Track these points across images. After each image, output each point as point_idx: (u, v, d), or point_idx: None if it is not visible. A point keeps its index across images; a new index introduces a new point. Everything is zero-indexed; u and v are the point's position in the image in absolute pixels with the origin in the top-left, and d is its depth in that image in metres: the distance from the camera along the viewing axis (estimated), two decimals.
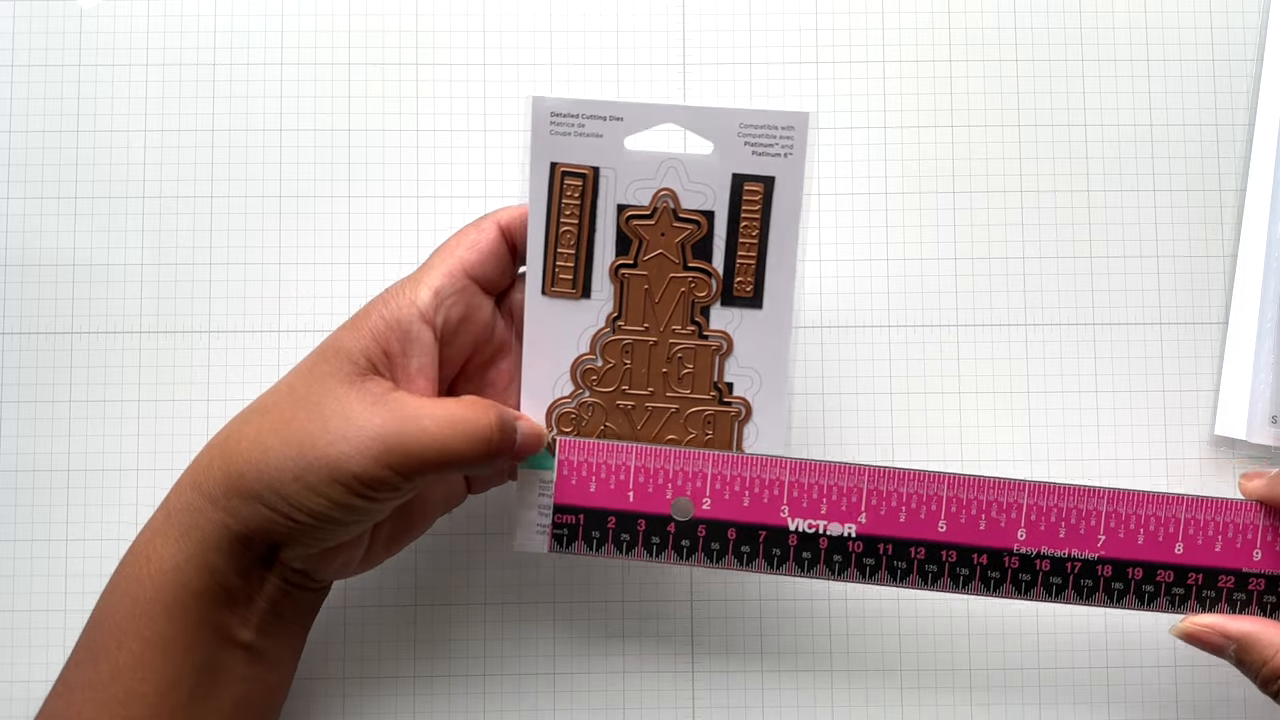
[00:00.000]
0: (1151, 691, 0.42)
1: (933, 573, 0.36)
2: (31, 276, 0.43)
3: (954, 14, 0.44)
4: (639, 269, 0.36)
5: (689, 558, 0.36)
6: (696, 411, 0.37)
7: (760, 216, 0.36)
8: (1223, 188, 0.44)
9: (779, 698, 0.42)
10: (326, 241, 0.43)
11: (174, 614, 0.33)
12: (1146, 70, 0.44)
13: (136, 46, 0.43)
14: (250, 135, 0.43)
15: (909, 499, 0.36)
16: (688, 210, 0.36)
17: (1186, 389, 0.43)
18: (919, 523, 0.36)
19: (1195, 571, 0.36)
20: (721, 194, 0.36)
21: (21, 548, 0.42)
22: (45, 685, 0.39)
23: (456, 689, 0.41)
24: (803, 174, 0.35)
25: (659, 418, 0.37)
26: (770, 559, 0.36)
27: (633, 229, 0.36)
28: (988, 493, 0.36)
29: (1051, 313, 0.43)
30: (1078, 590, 0.36)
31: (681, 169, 0.36)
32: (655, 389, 0.37)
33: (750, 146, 0.35)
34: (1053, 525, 0.36)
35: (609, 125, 0.35)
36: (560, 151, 0.35)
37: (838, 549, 0.36)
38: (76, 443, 0.42)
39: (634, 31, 0.44)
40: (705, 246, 0.36)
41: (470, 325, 0.36)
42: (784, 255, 0.36)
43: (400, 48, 0.44)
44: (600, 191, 0.36)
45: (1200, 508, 0.36)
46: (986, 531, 0.36)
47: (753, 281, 0.36)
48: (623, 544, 0.36)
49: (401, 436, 0.32)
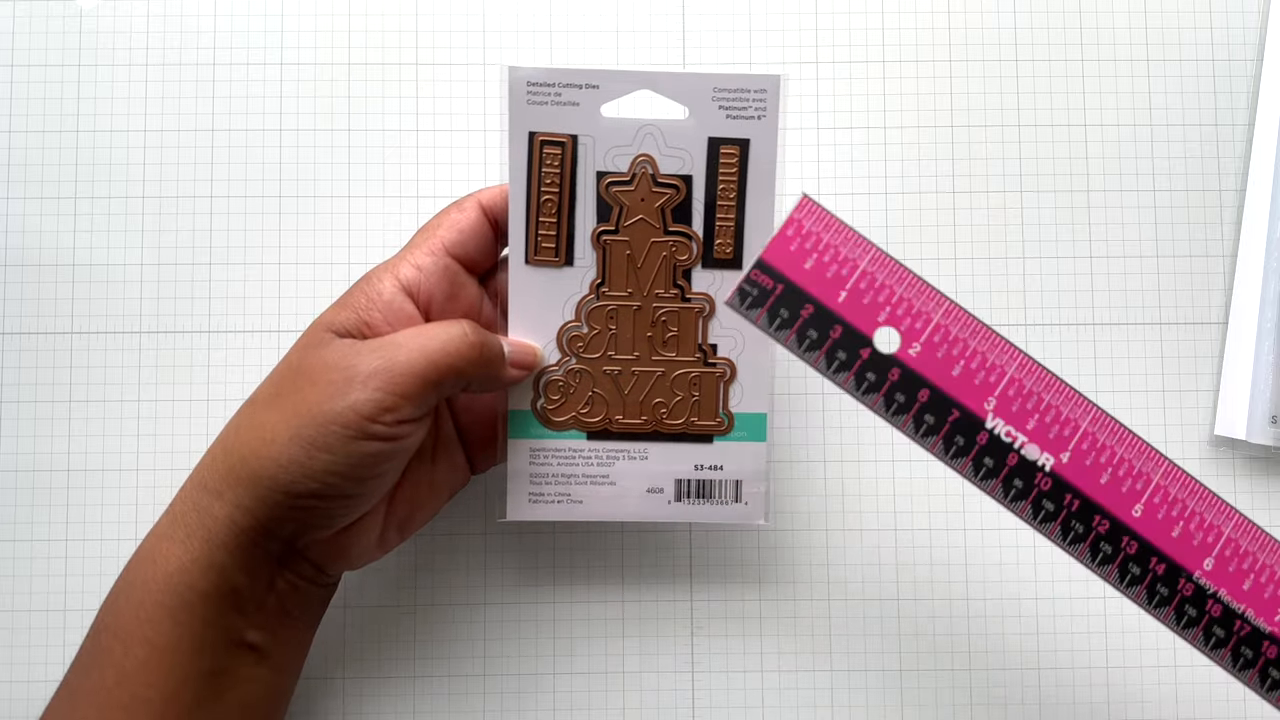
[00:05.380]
0: (1151, 691, 0.42)
1: (1105, 554, 0.32)
2: (31, 276, 0.43)
3: (954, 14, 0.44)
4: (620, 235, 0.37)
5: (866, 394, 0.32)
6: (682, 374, 0.37)
7: (737, 179, 0.36)
8: (1223, 188, 0.44)
9: (779, 698, 0.42)
10: (326, 241, 0.43)
11: (179, 617, 0.32)
12: (1146, 70, 0.44)
13: (136, 46, 0.43)
14: (250, 135, 0.43)
15: (1120, 463, 0.32)
16: (666, 175, 0.36)
17: (1186, 389, 0.43)
18: (1119, 495, 0.32)
19: None
20: (699, 158, 0.36)
21: (21, 548, 0.42)
22: (45, 685, 0.39)
23: (456, 689, 0.41)
24: (776, 136, 0.36)
25: (645, 381, 0.37)
26: (950, 446, 0.32)
27: (613, 195, 0.36)
28: (1198, 501, 0.32)
29: (1051, 313, 0.43)
30: (1234, 656, 0.32)
31: (659, 134, 0.36)
32: (641, 353, 0.37)
33: (725, 110, 0.36)
34: (1242, 572, 0.32)
35: (585, 93, 0.36)
36: (538, 121, 0.36)
37: (1023, 473, 0.32)
38: (76, 443, 0.42)
39: (634, 31, 0.44)
40: (685, 210, 0.37)
41: (455, 304, 0.36)
42: (761, 216, 0.37)
43: (400, 48, 0.44)
44: (579, 159, 0.36)
45: None
46: (1179, 540, 0.32)
47: (732, 243, 0.37)
48: (806, 340, 0.32)
49: (388, 360, 0.32)
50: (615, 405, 0.37)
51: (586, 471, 0.38)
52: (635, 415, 0.38)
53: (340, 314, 0.34)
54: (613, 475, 0.38)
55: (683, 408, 0.37)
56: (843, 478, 0.42)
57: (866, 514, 0.42)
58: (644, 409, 0.38)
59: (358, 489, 0.33)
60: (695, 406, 0.37)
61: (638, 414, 0.38)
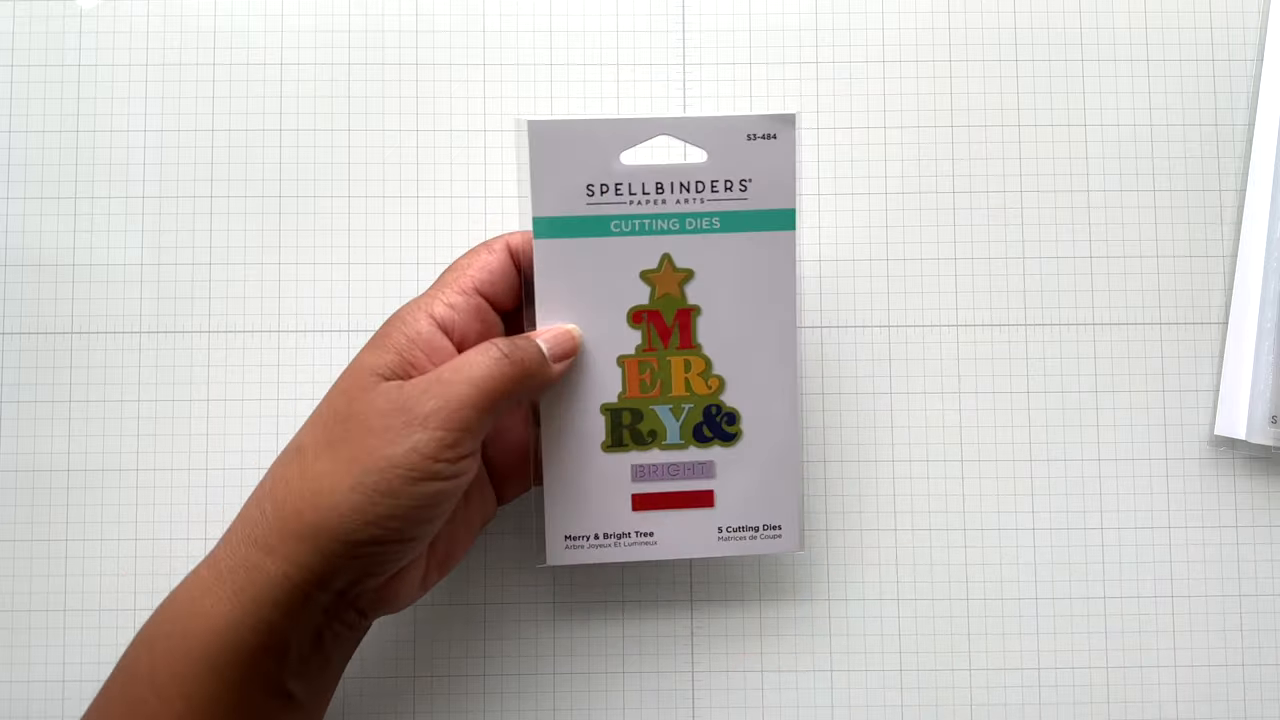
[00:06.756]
0: (1151, 691, 0.42)
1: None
2: (31, 276, 0.43)
3: (954, 14, 0.44)
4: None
5: None
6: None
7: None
8: (1222, 188, 0.44)
9: (779, 698, 0.42)
10: (326, 241, 0.43)
11: (224, 674, 0.32)
12: (1146, 70, 0.44)
13: (136, 46, 0.43)
14: (250, 135, 0.43)
15: None
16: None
17: (1186, 389, 0.43)
18: None
19: None
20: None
21: (21, 548, 0.42)
22: (45, 685, 0.39)
23: (456, 689, 0.41)
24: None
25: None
26: None
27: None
28: None
29: (1051, 313, 0.43)
30: None
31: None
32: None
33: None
34: None
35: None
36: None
37: None
38: (76, 443, 0.42)
39: (634, 31, 0.44)
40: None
41: (485, 340, 0.36)
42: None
43: (400, 48, 0.44)
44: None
45: None
46: None
47: None
48: None
49: (442, 398, 0.32)
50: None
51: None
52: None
53: (383, 357, 0.34)
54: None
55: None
56: (843, 478, 0.42)
57: (866, 514, 0.42)
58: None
59: (416, 531, 0.33)
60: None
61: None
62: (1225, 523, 0.42)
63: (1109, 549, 0.42)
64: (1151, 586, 0.42)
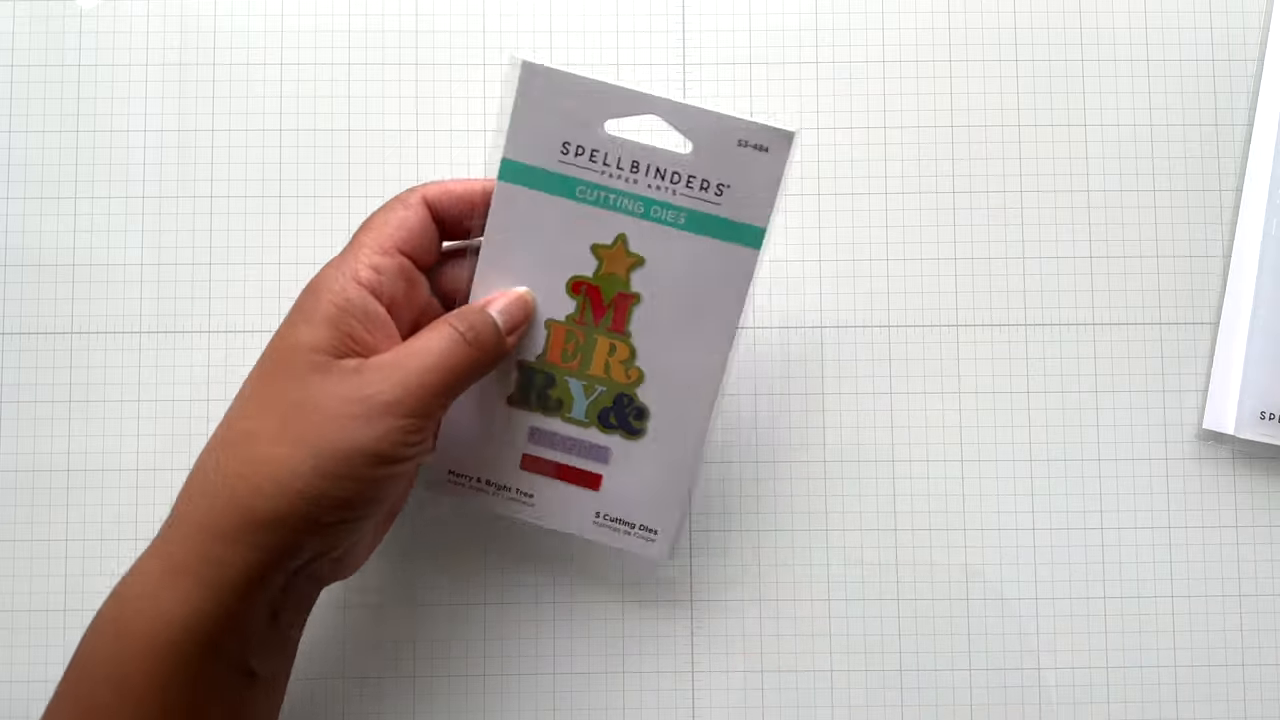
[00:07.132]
0: (1151, 691, 0.42)
1: None
2: (31, 276, 0.43)
3: (954, 14, 0.44)
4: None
5: None
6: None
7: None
8: (1223, 188, 0.44)
9: (779, 698, 0.42)
10: (326, 242, 0.43)
11: (193, 667, 0.31)
12: (1146, 70, 0.44)
13: (136, 46, 0.43)
14: (250, 135, 0.43)
15: None
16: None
17: (1187, 389, 0.43)
18: None
19: None
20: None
21: (21, 548, 0.42)
22: (45, 685, 0.39)
23: (456, 689, 0.41)
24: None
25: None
26: None
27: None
28: None
29: (1051, 313, 0.43)
30: None
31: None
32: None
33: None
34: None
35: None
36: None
37: None
38: (76, 443, 0.42)
39: (634, 31, 0.44)
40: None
41: (412, 301, 0.36)
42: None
43: (400, 48, 0.44)
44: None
45: None
46: None
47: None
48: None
49: (402, 387, 0.32)
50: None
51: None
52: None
53: (319, 331, 0.33)
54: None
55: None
56: (842, 478, 0.42)
57: (866, 514, 0.42)
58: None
59: (379, 507, 0.34)
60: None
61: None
62: (1225, 522, 0.42)
63: (1109, 549, 0.42)
64: (1151, 586, 0.42)
